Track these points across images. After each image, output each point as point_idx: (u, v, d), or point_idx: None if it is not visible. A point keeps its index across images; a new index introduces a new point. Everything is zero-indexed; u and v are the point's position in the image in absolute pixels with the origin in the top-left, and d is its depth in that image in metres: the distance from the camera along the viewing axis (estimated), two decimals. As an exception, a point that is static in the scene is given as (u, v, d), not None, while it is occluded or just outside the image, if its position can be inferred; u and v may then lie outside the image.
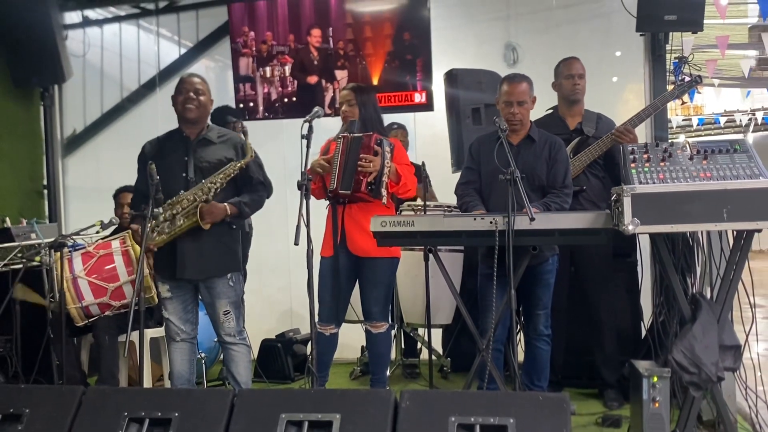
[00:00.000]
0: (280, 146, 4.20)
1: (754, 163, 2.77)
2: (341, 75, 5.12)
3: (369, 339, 3.69)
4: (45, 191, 5.68)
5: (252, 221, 4.38)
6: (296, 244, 2.99)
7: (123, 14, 5.83)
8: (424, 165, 4.29)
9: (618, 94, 4.99)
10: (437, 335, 4.70)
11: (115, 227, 4.22)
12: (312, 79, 5.14)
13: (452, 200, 3.86)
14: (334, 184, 3.46)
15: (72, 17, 5.72)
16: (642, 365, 2.71)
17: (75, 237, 3.97)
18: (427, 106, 5.04)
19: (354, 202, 3.55)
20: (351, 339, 3.77)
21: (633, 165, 2.87)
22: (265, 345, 4.80)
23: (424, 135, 5.17)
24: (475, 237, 3.10)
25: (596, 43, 4.87)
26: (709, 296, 2.90)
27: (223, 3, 5.39)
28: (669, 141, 3.17)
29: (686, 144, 2.94)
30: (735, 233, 2.74)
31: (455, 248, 4.24)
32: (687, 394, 2.73)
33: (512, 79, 3.50)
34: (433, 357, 4.20)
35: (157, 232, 3.31)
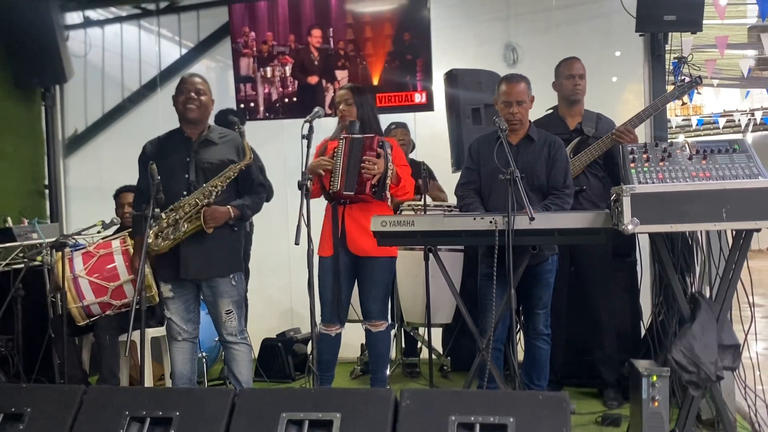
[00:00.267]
0: (281, 146, 4.20)
1: (753, 163, 2.77)
2: (342, 75, 5.11)
3: (368, 338, 3.67)
4: (46, 191, 5.67)
5: (253, 221, 4.38)
6: (297, 244, 2.99)
7: (124, 15, 5.83)
8: (425, 164, 4.29)
9: (618, 94, 4.98)
10: (437, 334, 4.69)
11: (117, 227, 4.22)
12: (312, 80, 5.13)
13: (453, 199, 3.85)
14: (338, 185, 3.44)
15: (73, 18, 5.71)
16: (641, 364, 2.71)
17: (76, 237, 3.98)
18: (427, 106, 5.03)
19: (354, 203, 3.54)
20: (351, 338, 3.77)
21: (632, 165, 2.87)
22: (266, 344, 4.79)
23: (424, 135, 5.17)
24: (475, 236, 3.10)
25: (596, 44, 4.87)
26: (709, 295, 2.90)
27: (224, 3, 5.39)
28: (668, 141, 3.17)
29: (685, 144, 2.93)
30: (734, 233, 2.74)
31: (455, 248, 4.23)
32: (686, 393, 2.73)
33: (510, 80, 3.49)
34: (433, 356, 4.19)
35: (162, 238, 3.30)
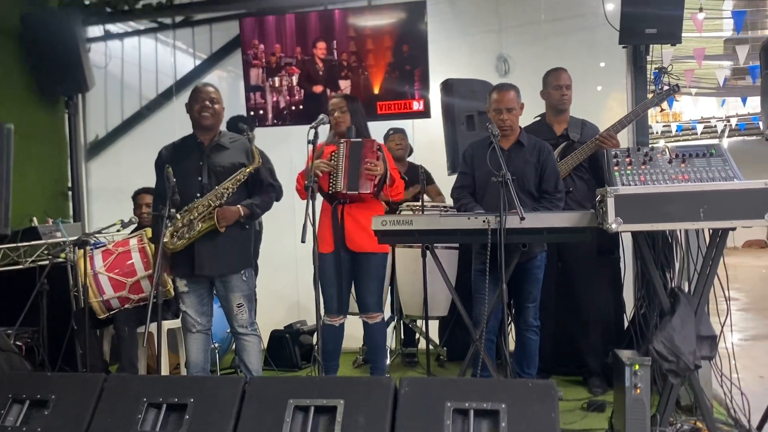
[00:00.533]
0: (288, 150, 4.20)
1: (729, 167, 2.77)
2: (345, 85, 5.12)
3: (366, 329, 3.69)
4: (69, 193, 5.69)
5: (262, 220, 4.39)
6: (303, 242, 3.00)
7: (142, 28, 5.83)
8: (423, 168, 4.29)
9: (602, 102, 4.98)
10: (434, 326, 4.69)
11: (134, 226, 4.23)
12: (317, 89, 5.14)
13: (449, 200, 3.86)
14: (341, 186, 3.45)
15: (94, 31, 5.73)
16: (624, 354, 2.71)
17: (97, 235, 3.99)
18: (425, 114, 5.04)
19: (353, 202, 3.55)
20: (353, 329, 3.77)
21: (616, 168, 2.87)
22: (275, 335, 4.80)
23: (422, 140, 5.17)
24: (470, 235, 3.11)
25: (582, 55, 4.87)
26: (687, 290, 2.90)
27: (235, 17, 5.41)
28: (650, 146, 3.17)
29: (666, 148, 2.94)
30: (711, 231, 2.74)
31: (451, 246, 4.24)
32: (666, 381, 2.73)
33: (501, 88, 3.51)
34: (431, 347, 4.19)
35: (177, 237, 3.31)
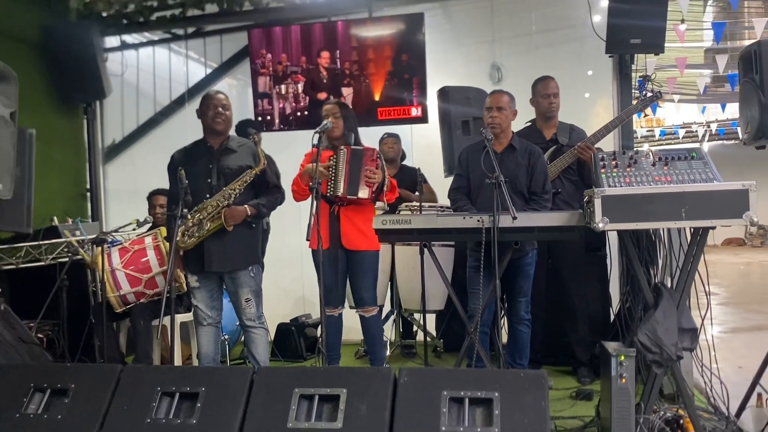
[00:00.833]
0: (294, 154, 4.18)
1: (709, 169, 2.76)
2: (347, 92, 5.11)
3: (363, 323, 3.68)
4: (88, 194, 5.68)
5: (269, 220, 4.38)
6: (308, 240, 2.99)
7: (156, 39, 5.83)
8: (419, 170, 4.28)
9: (590, 109, 4.97)
10: (431, 320, 4.70)
11: (149, 225, 4.22)
12: (322, 96, 5.13)
13: (446, 201, 3.85)
14: (341, 190, 3.44)
15: (111, 41, 5.72)
16: (611, 346, 2.70)
17: (114, 234, 3.98)
18: (423, 119, 5.03)
19: (350, 204, 3.55)
20: (355, 322, 3.76)
21: (603, 170, 2.86)
22: (281, 328, 4.80)
23: (420, 144, 5.17)
24: (465, 233, 3.10)
25: (570, 64, 4.86)
26: (670, 285, 2.89)
27: (244, 29, 5.41)
28: (634, 149, 3.16)
29: (649, 152, 2.93)
30: (692, 230, 2.73)
31: (447, 243, 4.23)
32: (650, 371, 2.72)
33: (494, 92, 3.57)
34: (428, 339, 4.19)
35: (188, 236, 3.31)
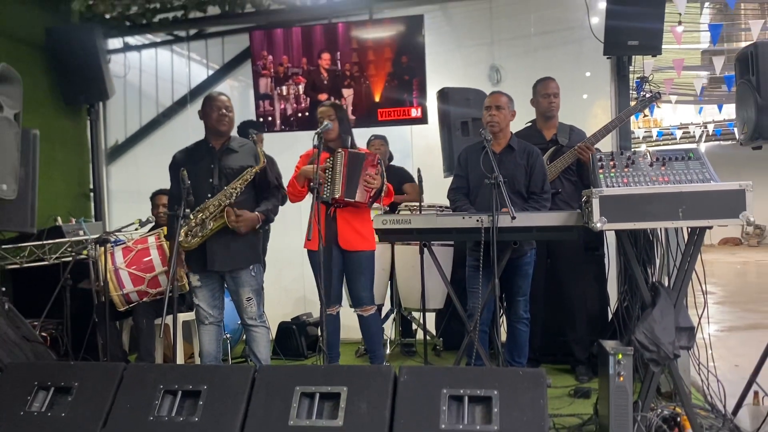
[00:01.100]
0: (295, 154, 4.18)
1: (706, 169, 2.76)
2: (348, 93, 5.12)
3: (362, 322, 3.68)
4: (91, 194, 5.69)
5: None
6: (308, 239, 2.99)
7: (158, 41, 5.84)
8: (420, 171, 4.28)
9: (588, 110, 4.98)
10: (431, 318, 4.70)
11: (152, 225, 4.23)
12: (322, 97, 5.13)
13: (445, 201, 3.85)
14: (339, 192, 3.43)
15: (114, 43, 5.73)
16: (609, 344, 2.70)
17: (117, 233, 3.99)
18: (423, 120, 5.04)
19: (347, 206, 3.55)
20: (356, 321, 3.76)
21: (601, 171, 2.86)
22: (282, 327, 4.80)
23: (420, 145, 5.17)
24: (464, 233, 3.11)
25: (569, 65, 4.87)
26: (667, 284, 2.89)
27: (245, 31, 5.41)
28: (632, 150, 3.16)
29: (647, 152, 2.93)
30: (689, 230, 2.74)
31: (446, 243, 4.23)
32: (648, 370, 2.72)
33: (493, 93, 3.59)
34: (428, 337, 4.19)
35: (191, 236, 3.30)
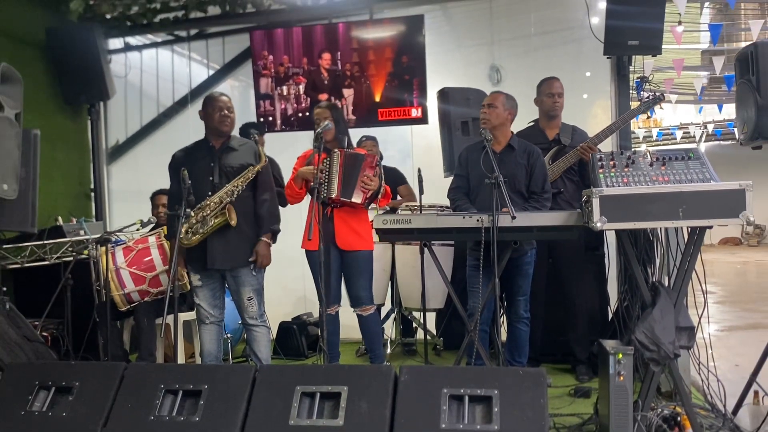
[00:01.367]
0: (296, 154, 4.18)
1: (706, 169, 2.76)
2: (348, 93, 5.12)
3: (361, 321, 3.67)
4: (92, 194, 5.68)
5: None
6: (309, 239, 2.99)
7: (159, 41, 5.83)
8: (420, 171, 4.28)
9: (588, 109, 4.98)
10: (431, 318, 4.70)
11: (153, 225, 4.22)
12: (323, 97, 5.13)
13: (445, 201, 3.85)
14: (335, 192, 3.43)
15: (115, 43, 5.72)
16: (609, 344, 2.70)
17: (118, 233, 3.98)
18: (423, 120, 5.03)
19: (343, 206, 3.54)
20: (356, 321, 3.76)
21: (601, 171, 2.86)
22: (283, 326, 4.80)
23: (420, 145, 5.17)
24: (464, 233, 3.10)
25: (569, 65, 4.86)
26: (667, 284, 2.89)
27: (246, 31, 5.41)
28: (632, 150, 3.16)
29: (647, 152, 2.93)
30: (689, 229, 2.73)
31: (447, 243, 4.23)
32: (648, 369, 2.72)
33: (493, 92, 3.60)
34: (428, 337, 4.19)
35: (192, 233, 3.30)
